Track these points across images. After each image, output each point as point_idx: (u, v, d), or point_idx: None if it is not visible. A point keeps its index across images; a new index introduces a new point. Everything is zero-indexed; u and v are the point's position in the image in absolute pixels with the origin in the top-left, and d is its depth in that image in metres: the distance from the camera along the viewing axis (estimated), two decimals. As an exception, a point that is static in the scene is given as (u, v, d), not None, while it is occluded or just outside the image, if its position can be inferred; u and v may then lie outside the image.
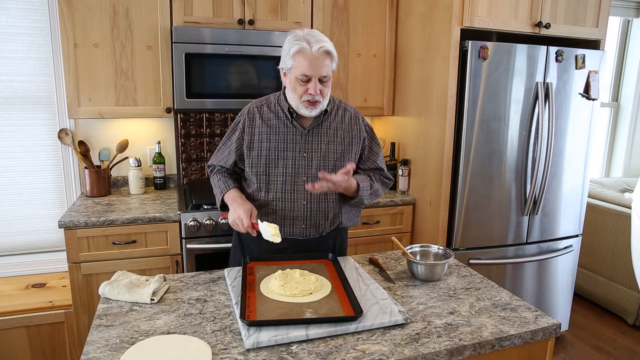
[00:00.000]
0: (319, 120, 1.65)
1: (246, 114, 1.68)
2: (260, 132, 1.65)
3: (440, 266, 1.55)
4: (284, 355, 1.11)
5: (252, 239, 1.75)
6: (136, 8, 2.34)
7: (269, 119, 1.66)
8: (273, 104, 1.68)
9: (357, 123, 1.73)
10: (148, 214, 2.24)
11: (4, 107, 2.51)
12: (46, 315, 2.25)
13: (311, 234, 1.69)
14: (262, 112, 1.67)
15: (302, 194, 1.65)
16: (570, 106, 2.55)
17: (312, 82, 1.53)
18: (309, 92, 1.54)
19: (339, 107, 1.73)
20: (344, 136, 1.69)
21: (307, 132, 1.65)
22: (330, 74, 1.56)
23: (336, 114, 1.70)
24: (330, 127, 1.68)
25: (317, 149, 1.65)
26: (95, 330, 1.21)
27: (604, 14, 2.58)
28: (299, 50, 1.51)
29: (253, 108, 1.69)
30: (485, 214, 2.49)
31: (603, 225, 3.23)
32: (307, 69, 1.51)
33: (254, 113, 1.67)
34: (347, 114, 1.73)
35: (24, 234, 2.65)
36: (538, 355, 1.30)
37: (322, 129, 1.67)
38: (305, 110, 1.58)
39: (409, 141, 2.76)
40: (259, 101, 1.71)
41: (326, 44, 1.52)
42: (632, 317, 3.05)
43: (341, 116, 1.71)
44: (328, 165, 1.67)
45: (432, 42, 2.47)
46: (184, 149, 2.72)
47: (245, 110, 1.70)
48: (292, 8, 2.56)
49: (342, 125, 1.70)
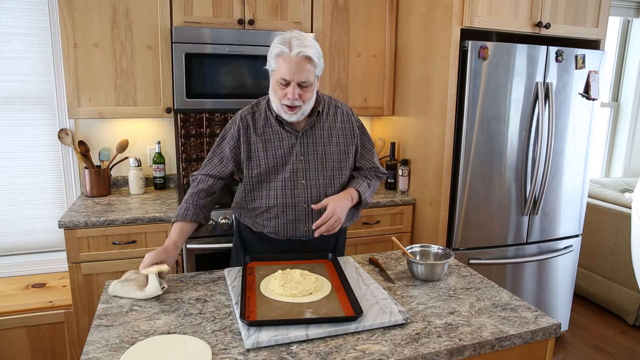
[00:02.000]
0: (312, 121, 1.64)
1: (239, 122, 1.63)
2: (256, 142, 1.62)
3: (440, 266, 1.55)
4: (284, 355, 1.11)
5: (254, 239, 1.75)
6: (136, 8, 2.34)
7: (262, 127, 1.63)
8: (263, 109, 1.64)
9: (349, 120, 1.72)
10: (148, 214, 2.24)
11: (4, 107, 2.51)
12: (46, 315, 2.25)
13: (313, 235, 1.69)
14: (255, 121, 1.63)
15: (303, 197, 1.64)
16: (570, 106, 2.55)
17: (290, 86, 1.49)
18: (287, 96, 1.50)
19: (330, 105, 1.70)
20: (339, 135, 1.68)
21: (302, 134, 1.63)
22: (311, 79, 1.51)
23: (328, 113, 1.68)
24: (323, 128, 1.66)
25: (313, 151, 1.64)
26: (95, 330, 1.21)
27: (604, 14, 2.58)
28: (279, 54, 1.48)
29: (245, 115, 1.64)
30: (485, 214, 2.49)
31: (603, 225, 3.23)
32: (286, 73, 1.48)
33: (247, 122, 1.63)
34: (339, 111, 1.71)
35: (24, 234, 2.65)
36: (538, 355, 1.30)
37: (316, 130, 1.65)
38: (285, 115, 1.55)
39: (409, 141, 2.76)
40: (249, 108, 1.66)
41: (307, 49, 1.47)
42: (632, 317, 3.05)
43: (333, 114, 1.69)
44: (326, 166, 1.66)
45: (432, 42, 2.47)
46: (184, 149, 2.72)
47: (237, 119, 1.64)
48: (292, 8, 2.56)
49: (335, 124, 1.68)
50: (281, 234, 1.68)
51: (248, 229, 1.76)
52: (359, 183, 1.70)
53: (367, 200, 1.71)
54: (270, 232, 1.69)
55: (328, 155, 1.66)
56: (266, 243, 1.72)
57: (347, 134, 1.70)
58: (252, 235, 1.75)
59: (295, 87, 1.49)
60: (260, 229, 1.70)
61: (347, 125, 1.70)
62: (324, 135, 1.66)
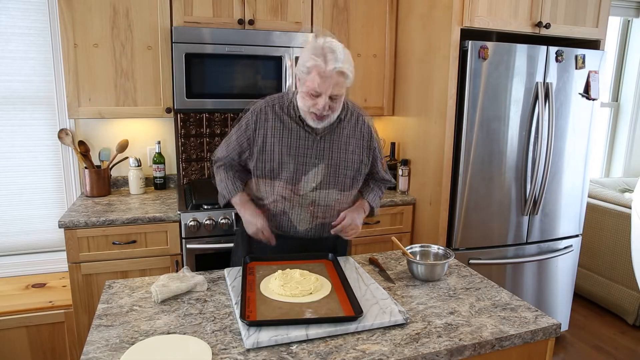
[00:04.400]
0: (332, 126, 1.62)
1: (258, 112, 1.63)
2: (273, 132, 1.60)
3: (440, 266, 1.55)
4: (284, 355, 1.11)
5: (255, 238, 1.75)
6: (136, 8, 2.34)
7: (281, 119, 1.61)
8: (286, 105, 1.63)
9: (369, 132, 1.70)
10: (148, 214, 2.24)
11: (4, 107, 2.51)
12: (46, 315, 2.25)
13: (315, 235, 1.70)
14: (274, 112, 1.62)
15: (311, 199, 1.64)
16: (570, 106, 2.55)
17: (321, 97, 1.48)
18: (317, 107, 1.50)
19: (353, 112, 1.68)
20: (356, 144, 1.66)
21: (320, 138, 1.62)
22: (342, 92, 1.52)
23: (349, 120, 1.66)
24: (342, 135, 1.64)
25: (329, 156, 1.63)
26: (95, 330, 1.21)
27: (604, 14, 2.58)
28: (315, 66, 1.45)
29: (265, 108, 1.63)
30: (485, 214, 2.49)
31: (603, 225, 3.23)
32: (318, 87, 1.47)
33: (267, 111, 1.62)
34: (360, 120, 1.69)
35: (24, 234, 2.65)
36: (538, 355, 1.31)
37: (335, 135, 1.63)
38: (311, 122, 1.56)
39: (409, 141, 2.76)
40: (270, 99, 1.65)
41: (343, 66, 1.46)
42: (632, 317, 3.05)
43: (355, 122, 1.67)
44: (339, 173, 1.65)
45: (432, 42, 2.47)
46: (184, 149, 2.72)
47: (257, 107, 1.64)
48: (292, 8, 2.56)
49: (355, 132, 1.67)
50: (284, 230, 1.69)
51: None
52: (370, 194, 1.76)
53: (376, 212, 1.79)
54: (272, 228, 1.68)
55: (342, 162, 1.64)
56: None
57: (364, 144, 1.69)
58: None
59: (327, 99, 1.49)
60: None
61: (366, 135, 1.69)
62: (341, 141, 1.64)
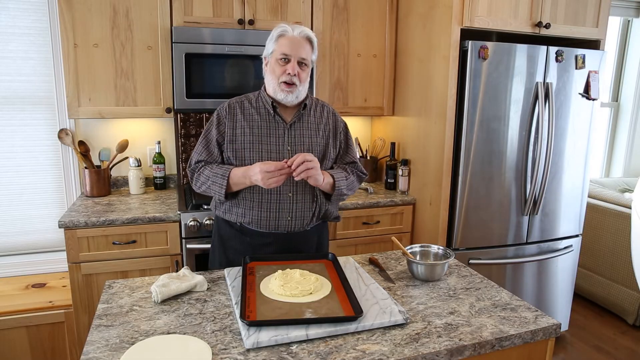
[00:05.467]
0: (299, 114, 1.70)
1: (226, 108, 1.70)
2: (243, 126, 1.67)
3: (440, 266, 1.55)
4: (284, 355, 1.11)
5: (234, 235, 1.73)
6: (136, 8, 2.34)
7: (250, 113, 1.69)
8: (254, 100, 1.72)
9: (334, 119, 1.80)
10: (148, 214, 2.24)
11: (4, 107, 2.51)
12: (46, 315, 2.25)
13: (295, 227, 1.69)
14: (243, 107, 1.70)
15: (288, 186, 1.66)
16: (570, 106, 2.55)
17: (291, 62, 1.60)
18: (287, 71, 1.59)
19: (317, 103, 1.80)
20: (325, 129, 1.75)
21: (289, 126, 1.69)
22: (309, 59, 1.64)
23: (315, 109, 1.77)
24: (310, 122, 1.73)
25: (300, 142, 1.69)
26: (95, 330, 1.21)
27: (604, 14, 2.58)
28: (281, 34, 1.62)
29: (233, 103, 1.72)
30: (485, 214, 2.49)
31: (603, 225, 3.23)
32: (287, 49, 1.59)
33: (235, 107, 1.70)
34: (325, 109, 1.80)
35: (24, 234, 2.65)
36: (538, 355, 1.31)
37: (304, 122, 1.72)
38: (281, 94, 1.63)
39: (409, 141, 2.76)
40: (238, 98, 1.74)
41: (308, 32, 1.63)
42: (632, 317, 3.05)
43: (320, 111, 1.78)
44: None
45: (432, 42, 2.47)
46: (184, 149, 2.72)
47: (224, 105, 1.71)
48: (292, 8, 2.56)
49: (322, 119, 1.77)
50: (263, 224, 1.67)
51: (227, 225, 1.75)
52: (336, 171, 1.72)
53: (342, 189, 1.68)
54: (250, 222, 1.68)
55: (314, 147, 1.71)
56: (247, 238, 1.71)
57: (332, 130, 1.77)
58: (232, 231, 1.74)
59: (296, 63, 1.60)
60: (240, 219, 1.69)
61: (332, 122, 1.79)
62: (311, 128, 1.73)
